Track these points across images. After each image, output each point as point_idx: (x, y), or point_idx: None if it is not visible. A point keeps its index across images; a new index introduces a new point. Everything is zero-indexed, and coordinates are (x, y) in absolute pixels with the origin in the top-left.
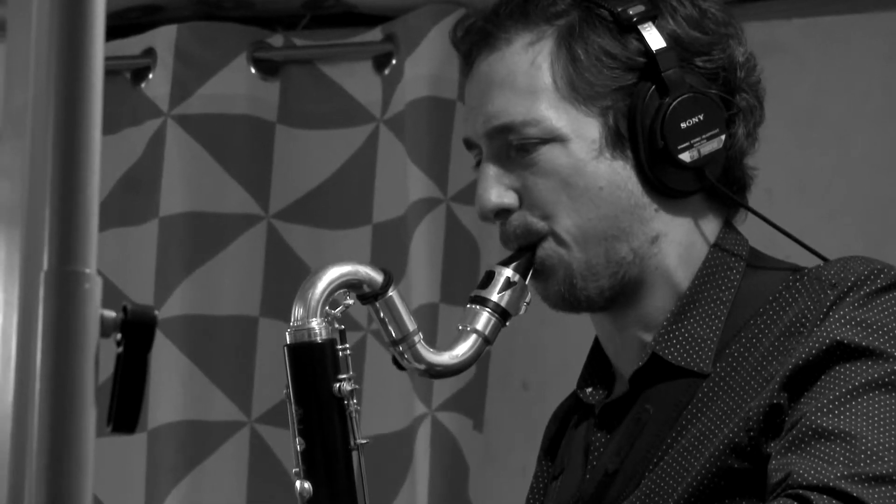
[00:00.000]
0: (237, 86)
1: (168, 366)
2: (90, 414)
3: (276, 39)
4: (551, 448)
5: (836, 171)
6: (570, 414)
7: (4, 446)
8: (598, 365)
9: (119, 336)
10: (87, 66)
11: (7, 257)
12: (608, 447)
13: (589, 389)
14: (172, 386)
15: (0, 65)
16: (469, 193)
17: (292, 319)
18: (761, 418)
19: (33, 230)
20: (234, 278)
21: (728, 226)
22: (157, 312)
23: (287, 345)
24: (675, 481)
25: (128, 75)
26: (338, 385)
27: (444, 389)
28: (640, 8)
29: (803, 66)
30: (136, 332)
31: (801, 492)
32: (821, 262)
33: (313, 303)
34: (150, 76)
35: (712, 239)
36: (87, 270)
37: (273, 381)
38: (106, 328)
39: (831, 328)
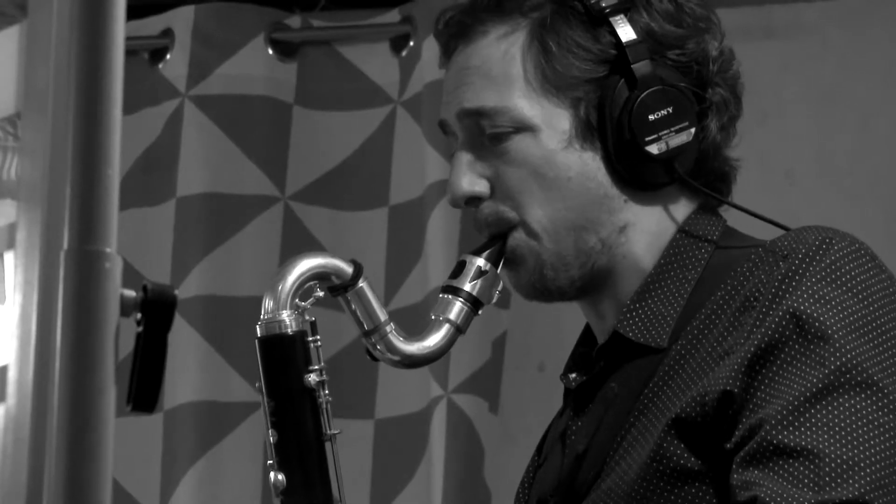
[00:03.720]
0: (254, 67)
1: (184, 346)
2: (110, 393)
3: (294, 20)
4: (542, 441)
5: (859, 152)
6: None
7: (25, 425)
8: (584, 349)
9: (139, 315)
10: (108, 45)
11: (28, 236)
12: (581, 429)
13: (573, 375)
14: (189, 367)
15: (21, 44)
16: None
17: (262, 312)
18: (715, 403)
19: (54, 209)
20: (251, 259)
21: (702, 209)
22: (176, 292)
23: (258, 338)
24: (633, 459)
25: (146, 55)
26: (308, 377)
27: (459, 371)
28: (613, 0)
29: (826, 47)
30: (156, 311)
31: None
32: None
33: (283, 295)
34: (168, 56)
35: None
36: (108, 250)
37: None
38: (126, 307)
39: (788, 302)
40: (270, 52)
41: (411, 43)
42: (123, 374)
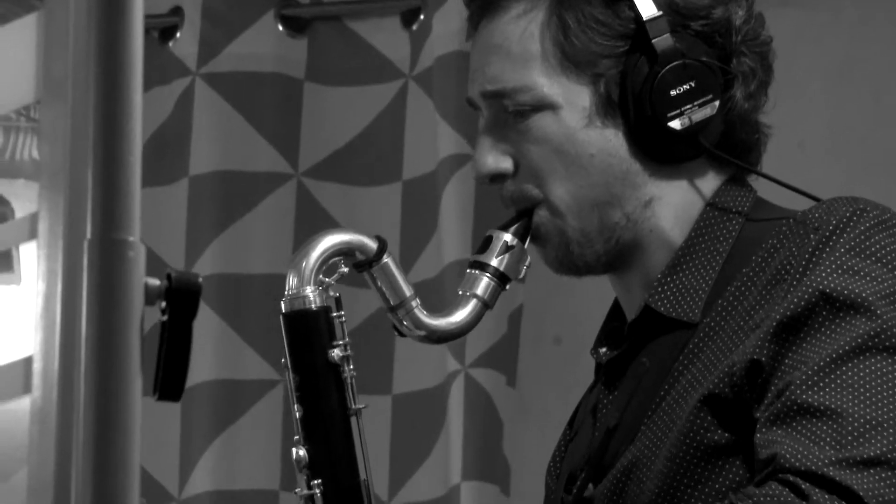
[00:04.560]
0: (265, 44)
1: (200, 325)
2: (136, 382)
3: None
4: (573, 415)
5: (871, 123)
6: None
7: (52, 417)
8: (615, 321)
9: (163, 304)
10: (127, 31)
11: (50, 225)
12: (612, 403)
13: (603, 350)
14: (205, 346)
15: (40, 32)
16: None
17: (287, 288)
18: (744, 373)
19: (76, 198)
20: (265, 237)
21: (732, 181)
22: (201, 279)
23: (282, 313)
24: (664, 433)
25: (155, 34)
26: (333, 352)
27: (477, 345)
28: None
29: (838, 18)
30: (180, 299)
31: (791, 478)
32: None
33: (307, 271)
34: (178, 35)
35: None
36: (131, 238)
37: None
38: (150, 296)
39: (817, 277)
40: (280, 28)
41: (422, 17)
42: (150, 362)
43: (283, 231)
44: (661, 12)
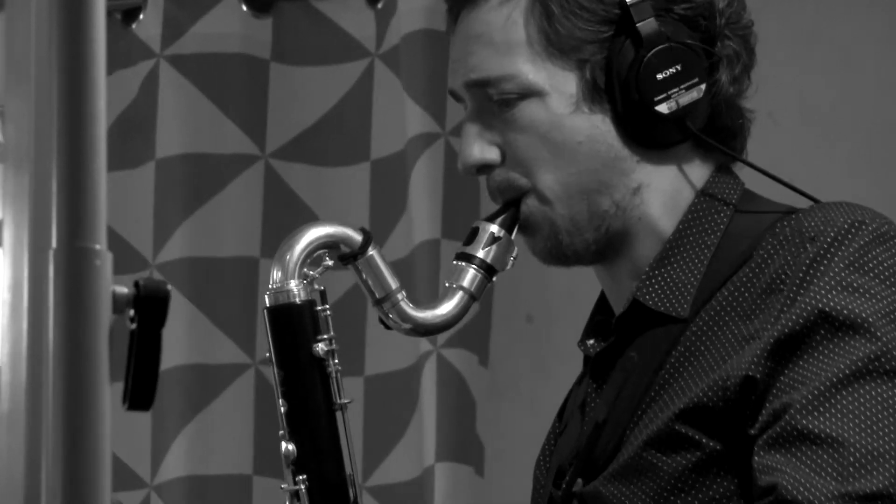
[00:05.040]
0: (229, 24)
1: (170, 310)
2: (105, 391)
3: None
4: (562, 408)
5: (840, 93)
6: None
7: (20, 427)
8: (602, 314)
9: (132, 312)
10: (90, 40)
11: (15, 234)
12: (600, 397)
13: (591, 342)
14: (175, 330)
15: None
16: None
17: (271, 282)
18: (737, 388)
19: (40, 206)
20: (234, 219)
21: (721, 170)
22: (170, 287)
23: (266, 307)
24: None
25: (118, 16)
26: (317, 346)
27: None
28: None
29: None
30: (149, 307)
31: None
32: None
33: (291, 265)
34: (141, 16)
35: (701, 185)
36: (98, 247)
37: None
38: (118, 304)
39: (815, 294)
40: (244, 8)
41: None
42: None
43: (251, 213)
44: None
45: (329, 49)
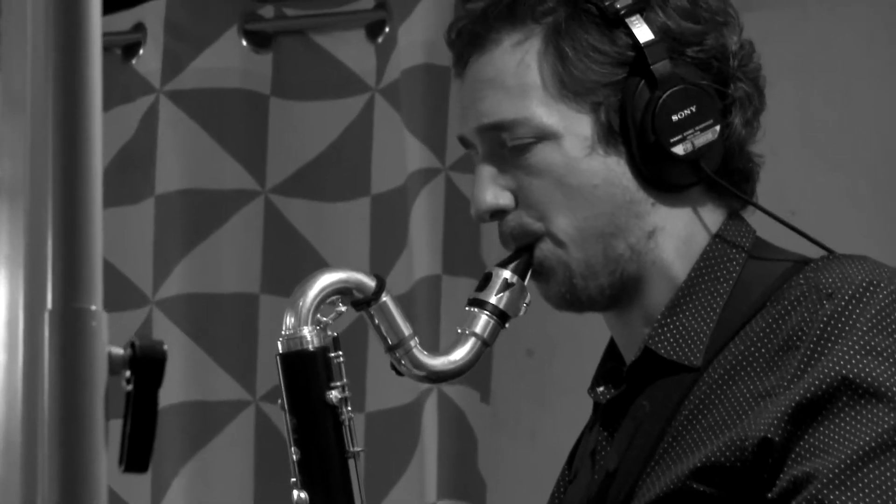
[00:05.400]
0: (229, 59)
1: (169, 346)
2: (101, 454)
3: (267, 10)
4: (572, 454)
5: (841, 123)
6: (591, 417)
7: (16, 491)
8: (612, 362)
9: (128, 373)
10: (85, 93)
11: (10, 294)
12: (611, 446)
13: (600, 389)
14: (174, 367)
15: None
16: (468, 162)
17: (283, 328)
18: (754, 450)
19: (36, 267)
20: (233, 255)
21: (733, 216)
22: (166, 347)
23: (279, 353)
24: (664, 487)
25: (118, 51)
26: (331, 393)
27: None
28: (628, 1)
29: (806, 18)
30: (145, 368)
31: None
32: (825, 255)
33: (304, 311)
34: (141, 52)
35: (714, 229)
36: (94, 307)
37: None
38: (114, 366)
39: (838, 359)
40: (244, 43)
41: (387, 29)
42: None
43: (251, 249)
44: (657, 38)
45: (329, 84)
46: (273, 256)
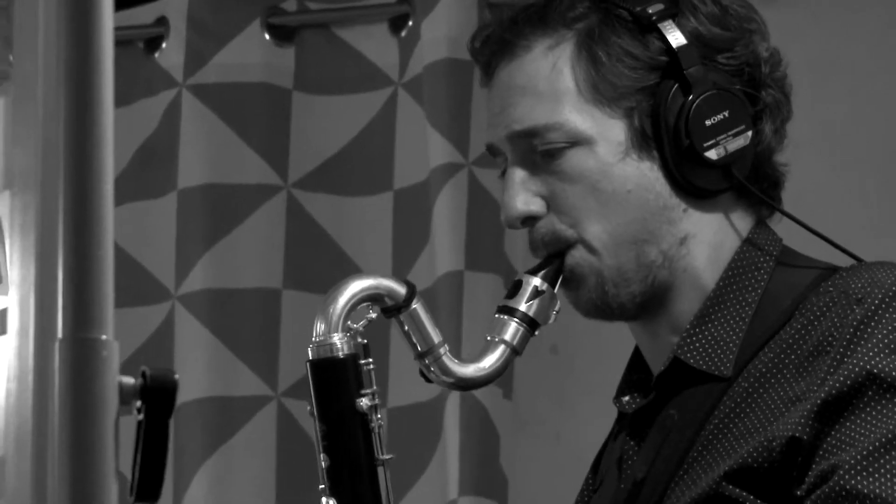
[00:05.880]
0: (252, 53)
1: (191, 341)
2: (111, 485)
3: (290, 4)
4: (597, 461)
5: (853, 121)
6: (616, 425)
7: None
8: (637, 373)
9: (139, 403)
10: (96, 124)
11: (21, 323)
12: (639, 455)
13: (626, 398)
14: (196, 362)
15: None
16: (490, 157)
17: (314, 335)
18: (783, 449)
19: (46, 296)
20: (256, 250)
21: (761, 224)
22: (177, 377)
23: (309, 360)
24: (697, 495)
25: (141, 45)
26: (361, 400)
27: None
28: (660, 6)
29: (817, 16)
30: (156, 398)
31: None
32: (853, 263)
33: (334, 318)
34: (164, 45)
35: (744, 236)
36: (104, 337)
37: (298, 354)
38: (125, 396)
39: (863, 356)
40: (267, 37)
41: (410, 23)
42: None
43: (273, 244)
44: (690, 43)
45: (352, 78)
46: (295, 251)
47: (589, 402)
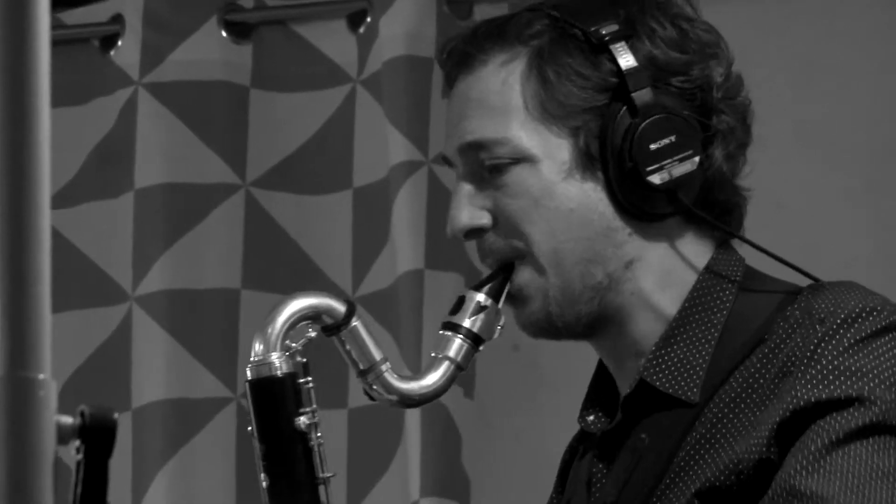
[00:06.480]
0: (209, 50)
1: (150, 343)
2: None
3: (247, 0)
4: (562, 479)
5: (836, 120)
6: (580, 443)
7: None
8: (603, 390)
9: (77, 443)
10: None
11: None
12: (608, 478)
13: (591, 418)
14: (154, 364)
15: None
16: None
17: (252, 354)
18: (751, 472)
19: None
20: (214, 250)
21: (723, 247)
22: (117, 416)
23: (248, 380)
24: None
25: (96, 43)
26: (300, 419)
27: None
28: (614, 27)
29: (800, 12)
30: (95, 437)
31: None
32: (813, 283)
33: (273, 337)
34: (119, 43)
35: (700, 262)
36: (42, 376)
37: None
38: (63, 435)
39: (817, 383)
40: (224, 34)
41: (368, 19)
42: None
43: (232, 243)
44: (641, 66)
45: (310, 75)
46: (254, 251)
47: (551, 400)
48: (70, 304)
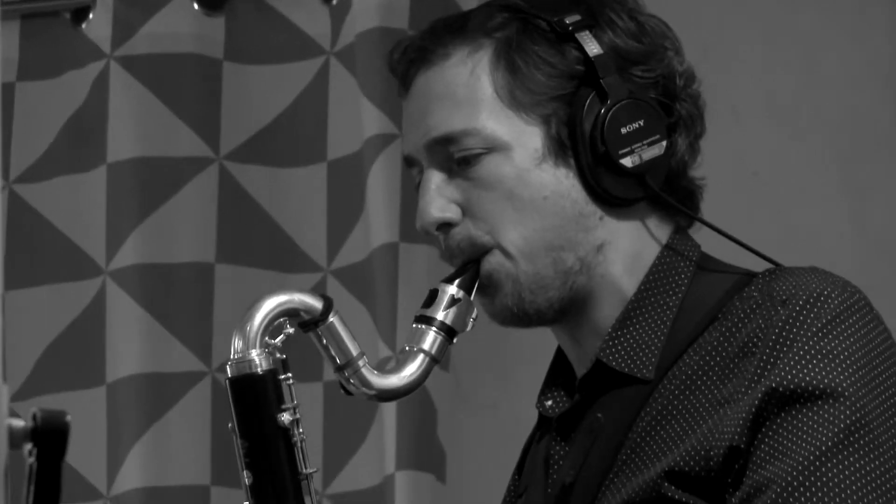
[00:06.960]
0: (181, 23)
1: (124, 317)
2: None
3: None
4: (521, 464)
5: (805, 88)
6: (538, 429)
7: None
8: (561, 375)
9: (29, 446)
10: None
11: None
12: (566, 459)
13: (549, 403)
14: (128, 338)
15: None
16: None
17: (232, 352)
18: (721, 459)
19: None
20: (188, 224)
21: (679, 231)
22: (69, 418)
23: (228, 378)
24: (629, 498)
25: (67, 16)
26: (282, 416)
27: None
28: (577, 18)
29: None
30: (47, 440)
31: None
32: (772, 267)
33: (251, 334)
34: (91, 16)
35: (663, 243)
36: None
37: (232, 329)
38: (15, 439)
39: (790, 365)
40: (196, 6)
41: None
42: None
43: (206, 217)
44: (605, 54)
45: (283, 47)
46: (228, 224)
47: (526, 372)
48: (43, 278)
